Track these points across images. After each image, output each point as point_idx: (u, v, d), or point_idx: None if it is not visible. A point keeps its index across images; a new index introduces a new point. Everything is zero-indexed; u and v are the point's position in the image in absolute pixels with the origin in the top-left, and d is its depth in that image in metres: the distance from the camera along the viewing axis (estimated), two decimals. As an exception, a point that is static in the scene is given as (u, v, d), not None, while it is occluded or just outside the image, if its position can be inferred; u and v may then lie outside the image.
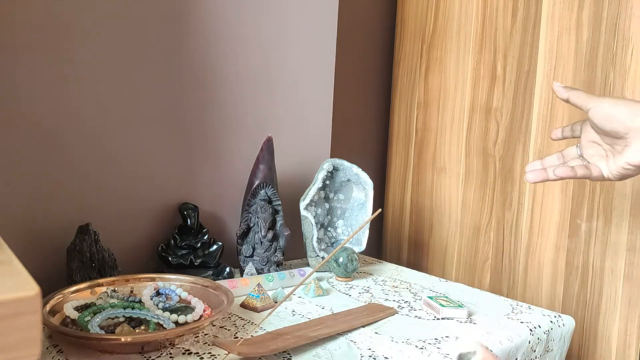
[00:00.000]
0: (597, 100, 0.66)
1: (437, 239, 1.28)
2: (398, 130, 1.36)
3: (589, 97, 0.68)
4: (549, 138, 1.06)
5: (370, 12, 1.34)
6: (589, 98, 0.68)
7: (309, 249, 1.04)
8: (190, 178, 1.00)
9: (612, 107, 0.65)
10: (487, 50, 1.16)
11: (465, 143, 1.20)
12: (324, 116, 1.19)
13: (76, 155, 0.87)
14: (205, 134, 1.01)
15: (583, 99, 0.68)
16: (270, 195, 0.98)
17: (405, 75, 1.33)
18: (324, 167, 1.05)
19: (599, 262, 1.00)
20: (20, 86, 0.80)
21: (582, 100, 0.68)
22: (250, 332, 0.73)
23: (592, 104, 0.67)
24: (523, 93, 1.10)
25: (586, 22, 1.00)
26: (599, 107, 0.66)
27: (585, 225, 1.01)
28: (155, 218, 0.97)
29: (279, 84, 1.10)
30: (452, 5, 1.22)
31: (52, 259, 0.85)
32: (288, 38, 1.10)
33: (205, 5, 0.97)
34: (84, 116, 0.87)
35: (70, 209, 0.87)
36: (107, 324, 0.69)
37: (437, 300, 0.85)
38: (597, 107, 0.66)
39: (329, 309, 0.84)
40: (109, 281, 0.79)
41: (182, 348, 0.67)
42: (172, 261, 0.93)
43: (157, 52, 0.93)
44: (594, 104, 0.67)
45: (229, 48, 1.01)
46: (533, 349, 0.79)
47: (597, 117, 0.66)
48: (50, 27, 0.82)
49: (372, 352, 0.69)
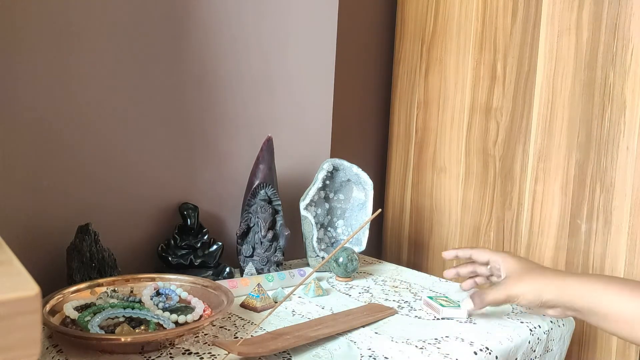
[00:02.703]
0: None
1: (437, 239, 1.28)
2: (398, 130, 1.36)
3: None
4: (549, 138, 1.06)
5: (370, 12, 1.34)
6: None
7: (309, 249, 1.04)
8: (190, 178, 1.00)
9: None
10: (487, 50, 1.16)
11: (465, 143, 1.20)
12: (324, 116, 1.19)
13: (76, 155, 0.87)
14: (205, 134, 1.01)
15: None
16: (270, 195, 0.98)
17: (405, 75, 1.33)
18: (324, 167, 1.05)
19: (599, 262, 1.00)
20: (20, 86, 0.80)
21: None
22: (250, 332, 0.73)
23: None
24: (523, 93, 1.10)
25: (586, 22, 1.00)
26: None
27: (585, 225, 1.01)
28: (155, 218, 0.97)
29: (279, 84, 1.10)
30: (452, 5, 1.22)
31: (52, 259, 0.85)
32: (288, 38, 1.10)
33: (205, 6, 0.97)
34: (84, 116, 0.87)
35: (70, 209, 0.87)
36: (107, 324, 0.69)
37: (437, 300, 0.85)
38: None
39: (329, 309, 0.84)
40: (109, 281, 0.79)
41: (182, 348, 0.67)
42: (172, 261, 0.93)
43: (158, 52, 0.93)
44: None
45: (229, 48, 1.01)
46: (533, 349, 0.79)
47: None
48: (51, 26, 0.82)
49: (372, 352, 0.69)
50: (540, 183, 1.07)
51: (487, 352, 0.71)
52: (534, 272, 0.75)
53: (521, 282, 0.74)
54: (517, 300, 0.73)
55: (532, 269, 0.75)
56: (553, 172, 1.05)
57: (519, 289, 0.73)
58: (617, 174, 0.97)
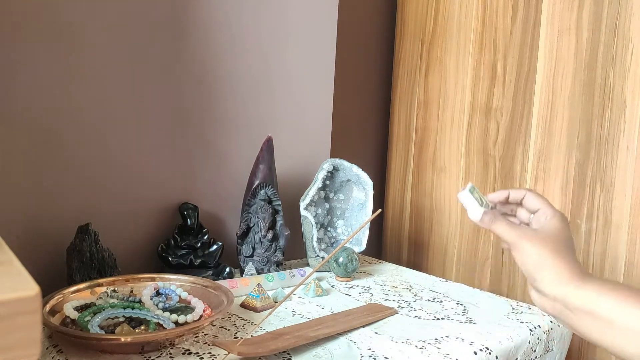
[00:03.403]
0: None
1: (437, 239, 1.28)
2: (398, 130, 1.36)
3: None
4: (549, 138, 1.06)
5: (370, 12, 1.34)
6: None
7: (309, 249, 1.04)
8: (190, 178, 1.00)
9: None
10: (487, 50, 1.16)
11: (465, 143, 1.20)
12: (324, 116, 1.19)
13: (76, 155, 0.87)
14: (205, 134, 1.01)
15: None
16: (270, 195, 0.98)
17: (405, 75, 1.33)
18: (324, 167, 1.05)
19: (599, 261, 1.00)
20: (20, 86, 0.80)
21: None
22: (250, 332, 0.73)
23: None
24: (523, 93, 1.10)
25: (586, 22, 1.00)
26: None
27: (585, 225, 1.01)
28: (155, 218, 0.97)
29: (279, 83, 1.10)
30: (452, 5, 1.22)
31: (52, 259, 0.85)
32: (288, 38, 1.10)
33: (205, 6, 0.97)
34: (84, 116, 0.87)
35: (70, 209, 0.87)
36: (107, 324, 0.69)
37: (476, 193, 0.69)
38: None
39: (329, 309, 0.84)
40: (109, 281, 0.79)
41: (182, 348, 0.67)
42: (172, 261, 0.93)
43: (158, 52, 0.93)
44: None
45: (229, 48, 1.01)
46: (533, 349, 0.79)
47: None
48: (51, 26, 0.82)
49: (372, 352, 0.69)
50: (540, 183, 1.07)
51: (487, 352, 0.71)
52: (561, 249, 0.62)
53: (540, 243, 0.61)
54: (517, 253, 0.62)
55: (564, 246, 0.62)
56: (553, 172, 1.05)
57: (529, 246, 0.61)
58: (617, 173, 0.97)
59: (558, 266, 0.60)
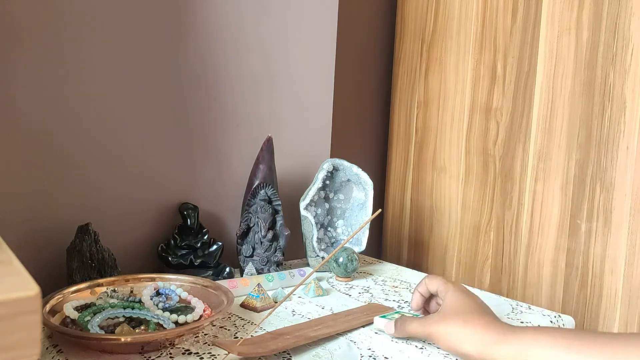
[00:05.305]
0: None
1: (437, 238, 1.28)
2: (398, 130, 1.36)
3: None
4: (549, 138, 1.06)
5: (370, 12, 1.34)
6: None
7: (309, 249, 1.04)
8: (190, 178, 1.00)
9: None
10: (487, 50, 1.16)
11: (465, 143, 1.20)
12: (324, 116, 1.19)
13: (76, 155, 0.87)
14: (205, 133, 1.01)
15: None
16: (270, 195, 0.98)
17: (405, 75, 1.33)
18: (324, 167, 1.05)
19: (599, 262, 1.00)
20: (19, 86, 0.80)
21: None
22: (250, 332, 0.73)
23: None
24: (523, 93, 1.10)
25: (586, 22, 1.00)
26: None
27: (585, 225, 1.01)
28: (155, 218, 0.97)
29: (279, 83, 1.10)
30: (452, 5, 1.22)
31: (52, 259, 0.85)
32: (288, 38, 1.10)
33: (205, 6, 0.97)
34: (83, 116, 0.87)
35: (70, 209, 0.87)
36: (107, 324, 0.69)
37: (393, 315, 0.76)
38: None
39: (329, 309, 0.84)
40: (109, 281, 0.79)
41: (182, 348, 0.67)
42: (172, 261, 0.93)
43: (157, 52, 0.93)
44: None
45: (229, 48, 1.01)
46: (533, 349, 0.79)
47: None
48: (50, 26, 0.82)
49: (372, 352, 0.69)
50: (540, 183, 1.07)
51: (487, 352, 0.71)
52: (469, 316, 0.64)
53: (447, 322, 0.65)
54: (435, 341, 0.66)
55: (470, 312, 0.65)
56: (553, 171, 1.05)
57: (441, 329, 0.65)
58: (617, 173, 0.97)
59: (477, 332, 0.62)
